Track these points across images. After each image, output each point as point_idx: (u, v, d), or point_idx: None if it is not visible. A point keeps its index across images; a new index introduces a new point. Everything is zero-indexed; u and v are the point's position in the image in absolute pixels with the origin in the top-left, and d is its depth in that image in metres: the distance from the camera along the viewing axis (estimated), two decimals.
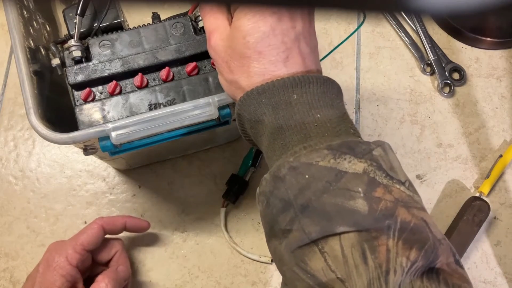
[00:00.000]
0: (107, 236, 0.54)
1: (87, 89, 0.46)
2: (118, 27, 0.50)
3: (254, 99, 0.35)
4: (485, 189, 0.60)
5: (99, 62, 0.47)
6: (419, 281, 0.32)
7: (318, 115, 0.34)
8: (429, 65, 0.67)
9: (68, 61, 0.47)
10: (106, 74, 0.46)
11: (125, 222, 0.55)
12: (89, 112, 0.46)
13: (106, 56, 0.47)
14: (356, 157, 0.32)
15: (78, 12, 0.47)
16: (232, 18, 0.37)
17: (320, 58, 0.42)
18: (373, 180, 0.32)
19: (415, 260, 0.31)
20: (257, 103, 0.35)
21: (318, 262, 0.32)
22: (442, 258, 0.33)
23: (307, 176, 0.32)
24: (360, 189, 0.31)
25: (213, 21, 0.38)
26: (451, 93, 0.65)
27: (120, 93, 0.47)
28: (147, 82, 0.47)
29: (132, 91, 0.47)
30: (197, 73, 0.48)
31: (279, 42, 0.35)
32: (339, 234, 0.31)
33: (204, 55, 0.47)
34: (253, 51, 0.35)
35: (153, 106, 0.46)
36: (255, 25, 0.34)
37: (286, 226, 0.33)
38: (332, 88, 0.36)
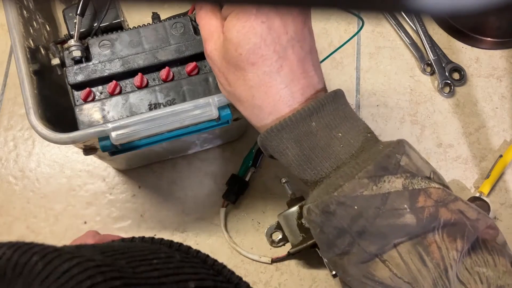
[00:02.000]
0: None
1: (87, 89, 0.46)
2: (118, 27, 0.50)
3: (275, 135, 0.36)
4: (485, 189, 0.60)
5: (99, 62, 0.46)
6: (469, 258, 0.36)
7: (340, 134, 0.36)
8: (429, 65, 0.67)
9: (68, 61, 0.47)
10: (106, 74, 0.46)
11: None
12: (89, 112, 0.46)
13: (106, 56, 0.47)
14: (392, 175, 0.35)
15: (78, 12, 0.47)
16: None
17: (321, 59, 0.42)
18: (413, 192, 0.35)
19: (462, 249, 0.35)
20: (279, 139, 0.37)
21: (384, 272, 0.35)
22: (482, 227, 0.37)
23: (356, 207, 0.35)
24: (405, 206, 0.34)
25: (208, 28, 0.38)
26: (451, 93, 0.65)
27: (120, 93, 0.47)
28: (147, 82, 0.47)
29: (132, 91, 0.47)
30: (197, 73, 0.48)
31: (271, 52, 0.35)
32: (395, 245, 0.35)
33: (204, 55, 0.47)
34: (246, 63, 0.35)
35: (153, 106, 0.46)
36: (245, 37, 0.34)
37: (345, 248, 0.36)
38: (339, 100, 0.38)
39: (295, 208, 0.54)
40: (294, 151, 0.37)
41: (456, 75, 0.67)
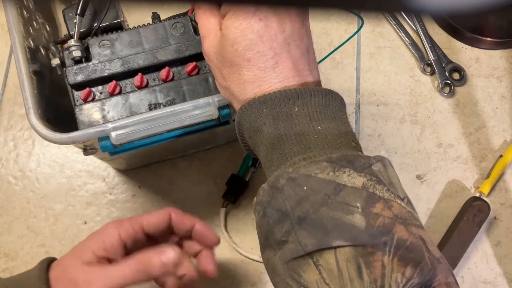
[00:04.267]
0: None
1: (87, 89, 0.46)
2: (118, 27, 0.50)
3: (255, 108, 0.36)
4: (485, 189, 0.60)
5: (99, 62, 0.46)
6: None
7: (319, 127, 0.35)
8: (429, 65, 0.67)
9: (68, 61, 0.47)
10: (106, 74, 0.46)
11: (195, 223, 0.47)
12: (89, 112, 0.46)
13: (106, 56, 0.47)
14: (355, 171, 0.32)
15: (78, 12, 0.47)
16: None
17: (320, 59, 0.42)
18: (372, 195, 0.32)
19: (410, 277, 0.31)
20: (258, 112, 0.36)
21: (312, 275, 0.32)
22: (441, 276, 0.33)
23: (305, 188, 0.32)
24: (358, 204, 0.31)
25: (206, 26, 0.38)
26: (451, 93, 0.65)
27: (120, 93, 0.47)
28: (147, 82, 0.47)
29: (132, 91, 0.47)
30: (197, 73, 0.48)
31: (267, 49, 0.35)
32: (335, 248, 0.31)
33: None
34: (242, 59, 0.35)
35: (153, 106, 0.46)
36: (242, 33, 0.35)
37: (281, 237, 0.33)
38: (334, 101, 0.37)
39: None
40: (270, 128, 0.35)
41: (456, 75, 0.67)
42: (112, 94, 0.46)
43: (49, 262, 0.43)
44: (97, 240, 0.42)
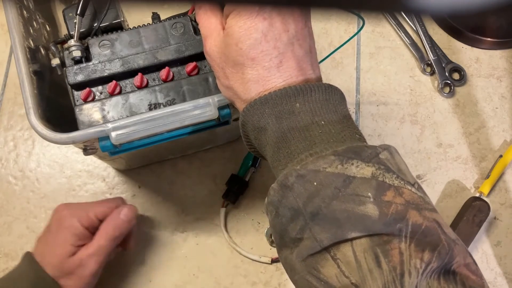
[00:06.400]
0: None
1: (87, 89, 0.46)
2: (118, 27, 0.50)
3: (257, 109, 0.36)
4: (485, 189, 0.60)
5: (99, 62, 0.46)
6: (436, 282, 0.32)
7: (322, 122, 0.35)
8: (429, 65, 0.67)
9: (68, 61, 0.47)
10: (106, 74, 0.46)
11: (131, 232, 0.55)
12: (89, 112, 0.46)
13: (106, 56, 0.47)
14: (363, 162, 0.32)
15: (78, 12, 0.47)
16: (225, 22, 0.37)
17: (320, 59, 0.42)
18: (382, 184, 0.32)
19: (429, 261, 0.31)
20: (261, 113, 0.36)
21: (331, 269, 0.32)
22: (459, 258, 0.33)
23: (315, 183, 0.32)
24: (369, 194, 0.31)
25: (207, 26, 0.38)
26: (451, 93, 0.65)
27: (120, 93, 0.47)
28: (147, 82, 0.47)
29: (132, 91, 0.47)
30: (197, 73, 0.48)
31: (272, 48, 0.35)
32: (351, 240, 0.31)
33: (204, 55, 0.47)
34: (246, 58, 0.35)
35: (153, 106, 0.46)
36: (246, 32, 0.35)
37: (296, 235, 0.33)
38: (334, 95, 0.37)
39: None
40: (274, 127, 0.35)
41: (456, 75, 0.67)
42: (112, 94, 0.46)
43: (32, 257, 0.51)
44: (68, 234, 0.51)
